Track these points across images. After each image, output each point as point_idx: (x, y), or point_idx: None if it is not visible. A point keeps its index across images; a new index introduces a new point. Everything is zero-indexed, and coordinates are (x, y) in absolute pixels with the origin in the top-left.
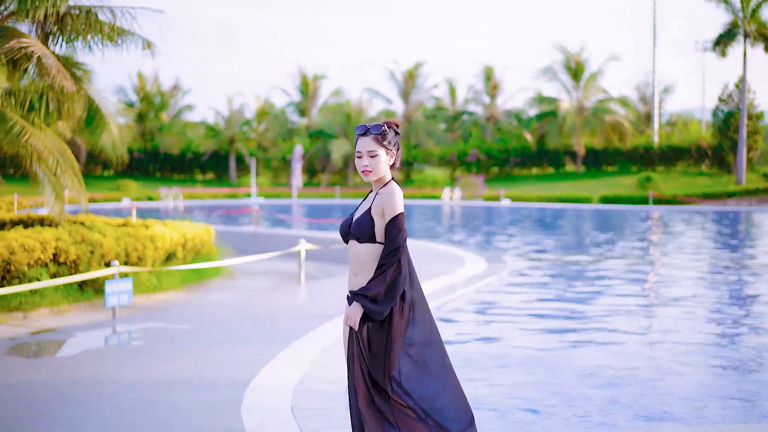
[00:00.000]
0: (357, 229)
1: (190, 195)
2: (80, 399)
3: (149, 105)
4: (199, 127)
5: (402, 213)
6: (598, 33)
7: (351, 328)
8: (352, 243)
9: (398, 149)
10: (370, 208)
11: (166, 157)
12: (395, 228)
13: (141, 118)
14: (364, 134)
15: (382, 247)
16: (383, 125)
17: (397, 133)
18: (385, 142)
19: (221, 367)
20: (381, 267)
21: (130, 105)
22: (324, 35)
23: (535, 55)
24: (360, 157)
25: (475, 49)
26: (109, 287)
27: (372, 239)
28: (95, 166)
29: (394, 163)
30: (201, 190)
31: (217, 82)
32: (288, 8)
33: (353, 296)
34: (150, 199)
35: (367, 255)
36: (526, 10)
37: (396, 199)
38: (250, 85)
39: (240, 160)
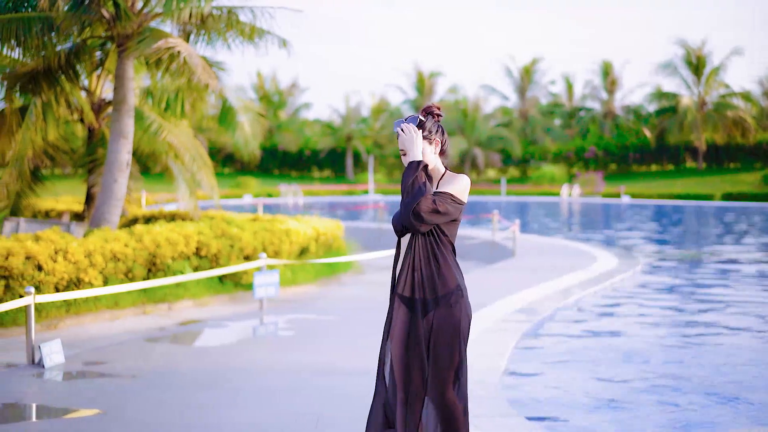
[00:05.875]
0: None
1: (309, 192)
2: (236, 385)
3: (268, 103)
4: (315, 125)
5: (454, 195)
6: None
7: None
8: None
9: (443, 134)
10: None
11: (285, 154)
12: (442, 200)
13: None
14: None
15: (442, 235)
16: (418, 117)
17: (438, 116)
18: (424, 134)
19: (372, 356)
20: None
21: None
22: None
23: (655, 50)
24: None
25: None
26: (257, 279)
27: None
28: (214, 163)
29: (442, 150)
30: (319, 186)
31: (333, 80)
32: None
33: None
34: (269, 195)
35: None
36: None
37: (462, 184)
38: (366, 82)
39: (357, 157)
